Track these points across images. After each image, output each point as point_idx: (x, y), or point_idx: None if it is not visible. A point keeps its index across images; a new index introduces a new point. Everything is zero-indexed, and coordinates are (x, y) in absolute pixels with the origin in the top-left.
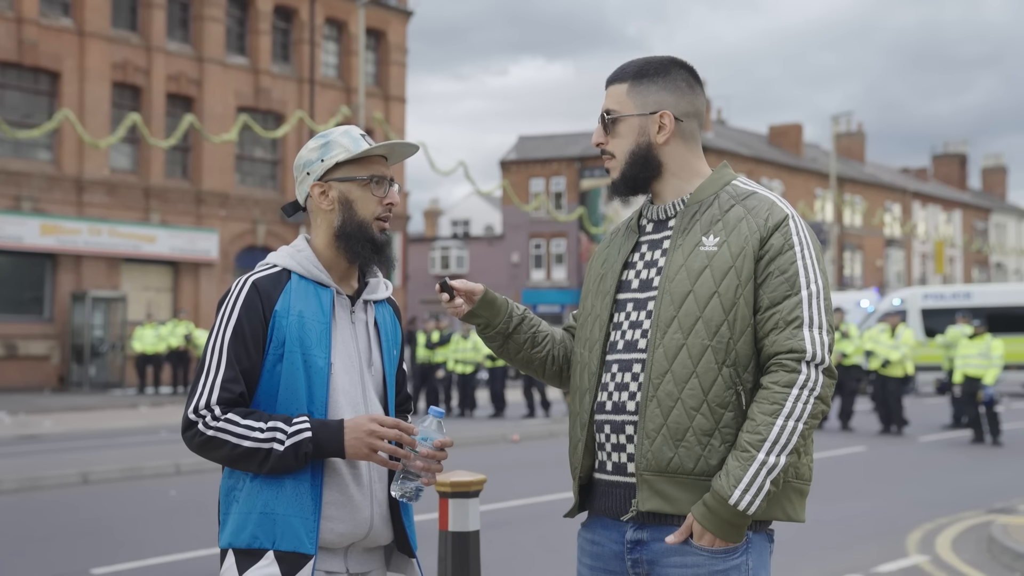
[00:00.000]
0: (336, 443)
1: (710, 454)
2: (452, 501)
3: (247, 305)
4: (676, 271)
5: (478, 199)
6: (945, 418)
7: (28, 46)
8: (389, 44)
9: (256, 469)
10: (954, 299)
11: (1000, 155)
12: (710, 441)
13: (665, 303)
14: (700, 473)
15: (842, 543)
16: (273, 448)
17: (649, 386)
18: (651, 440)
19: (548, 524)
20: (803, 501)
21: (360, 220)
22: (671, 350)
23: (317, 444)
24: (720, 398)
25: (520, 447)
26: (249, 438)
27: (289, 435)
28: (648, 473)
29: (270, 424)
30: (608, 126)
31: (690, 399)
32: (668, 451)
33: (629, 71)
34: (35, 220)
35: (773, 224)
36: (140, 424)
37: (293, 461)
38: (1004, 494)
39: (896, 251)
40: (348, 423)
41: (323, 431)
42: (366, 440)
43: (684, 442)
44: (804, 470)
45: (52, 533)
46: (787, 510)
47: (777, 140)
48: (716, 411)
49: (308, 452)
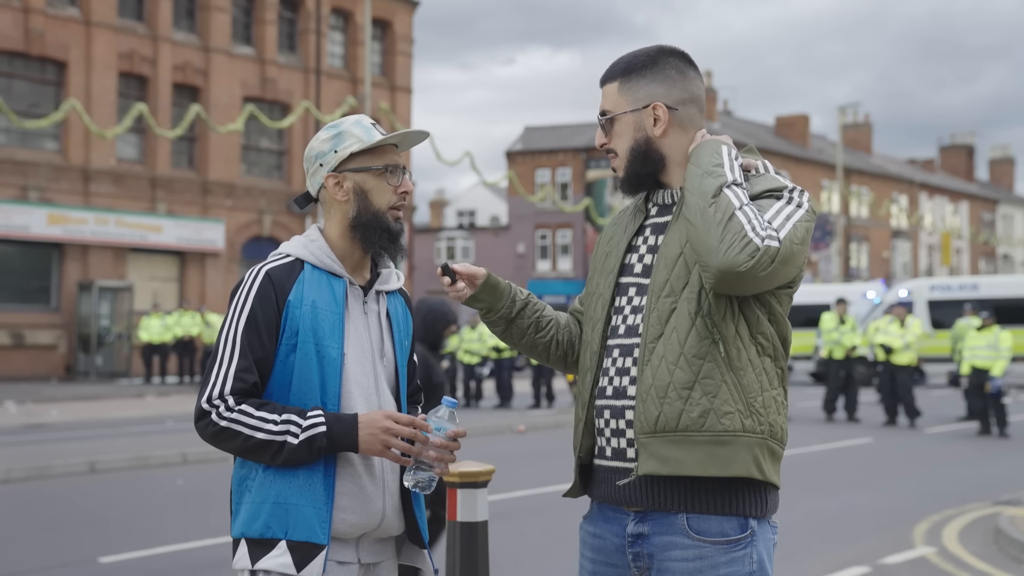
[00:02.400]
0: (350, 438)
1: (691, 408)
2: (461, 492)
3: (260, 295)
4: (671, 239)
5: (484, 190)
6: (954, 410)
7: (35, 36)
8: (395, 34)
9: (269, 461)
10: (961, 291)
11: (1007, 146)
12: (691, 395)
13: (659, 267)
14: (684, 428)
15: (848, 535)
16: (287, 441)
17: (644, 350)
18: (643, 402)
19: (554, 515)
20: (777, 464)
21: (376, 210)
22: (664, 314)
23: (331, 438)
24: (696, 349)
25: (526, 438)
26: (263, 430)
27: (304, 428)
28: (643, 436)
29: (284, 416)
30: (606, 127)
31: (669, 354)
32: (654, 409)
33: (618, 68)
34: (42, 210)
35: (761, 189)
36: (147, 413)
37: (307, 454)
38: (1011, 486)
39: (903, 242)
40: (363, 419)
41: (337, 425)
42: (380, 437)
43: (666, 399)
44: (778, 430)
45: (60, 522)
46: (763, 468)
47: (784, 131)
48: (694, 363)
49: (322, 446)
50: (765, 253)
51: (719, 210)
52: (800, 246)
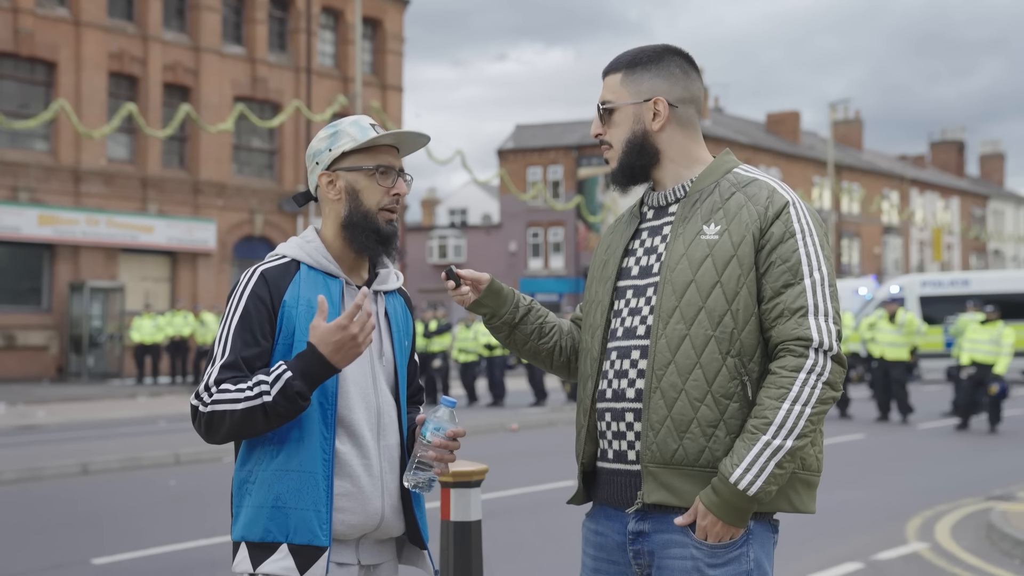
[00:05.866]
0: (320, 363)
1: (715, 445)
2: (454, 491)
3: (255, 295)
4: (677, 260)
5: (475, 188)
6: (947, 406)
7: (24, 36)
8: (386, 33)
9: (265, 427)
10: (952, 286)
11: (998, 141)
12: (715, 432)
13: (666, 292)
14: (705, 465)
15: (841, 531)
16: (264, 401)
17: (652, 377)
18: (655, 432)
19: (548, 513)
20: (812, 492)
21: (366, 210)
22: (674, 340)
23: (303, 375)
24: (725, 389)
25: (519, 436)
26: (240, 400)
27: (271, 383)
28: (653, 465)
29: (254, 380)
30: (604, 116)
31: (694, 390)
32: (672, 443)
33: (623, 61)
34: (32, 210)
35: (774, 212)
36: (139, 414)
37: (289, 404)
38: (1003, 481)
39: (894, 238)
40: (314, 339)
41: (300, 362)
42: (339, 338)
43: (688, 433)
44: (811, 460)
45: (52, 523)
46: (793, 501)
47: (774, 128)
48: (721, 402)
49: (300, 389)
50: (837, 369)
51: (808, 424)
52: (836, 300)
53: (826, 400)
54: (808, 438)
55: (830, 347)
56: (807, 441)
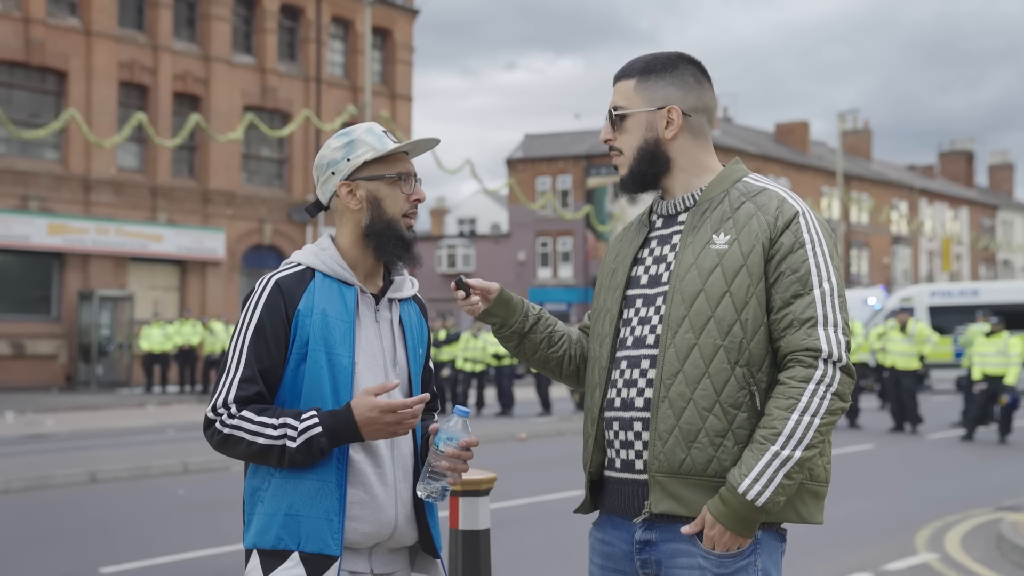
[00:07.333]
0: (350, 429)
1: (723, 455)
2: (463, 500)
3: (269, 304)
4: (686, 270)
5: (484, 197)
6: (956, 416)
7: (35, 46)
8: (395, 42)
9: (276, 464)
10: (961, 296)
11: (1007, 152)
12: (723, 442)
13: (676, 302)
14: (713, 474)
15: (851, 541)
16: (286, 445)
17: (660, 386)
18: (663, 441)
19: (556, 522)
20: (819, 503)
21: (389, 218)
22: (682, 350)
23: (331, 435)
24: (733, 399)
25: (528, 445)
26: (262, 435)
27: (299, 432)
28: (661, 475)
29: (281, 420)
30: (616, 122)
31: (702, 400)
32: (680, 452)
33: (636, 67)
34: (42, 219)
35: (784, 222)
36: (148, 423)
37: (310, 456)
38: (1013, 492)
39: (903, 248)
40: (356, 405)
41: (332, 421)
42: (376, 417)
43: (696, 443)
44: (819, 471)
45: (61, 532)
46: (800, 511)
47: (783, 137)
48: (729, 412)
49: (323, 447)
50: (847, 380)
51: (818, 434)
52: (845, 311)
53: (835, 411)
54: (817, 449)
55: (839, 358)
56: (816, 452)
